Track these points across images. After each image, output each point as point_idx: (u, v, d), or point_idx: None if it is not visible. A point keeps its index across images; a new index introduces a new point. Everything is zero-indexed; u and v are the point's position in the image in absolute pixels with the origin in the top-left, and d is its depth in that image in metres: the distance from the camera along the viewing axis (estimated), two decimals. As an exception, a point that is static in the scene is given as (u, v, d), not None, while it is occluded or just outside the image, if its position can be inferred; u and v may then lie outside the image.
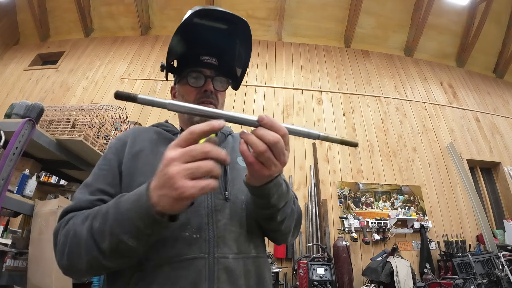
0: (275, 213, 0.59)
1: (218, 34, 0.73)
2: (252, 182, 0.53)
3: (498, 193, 4.33)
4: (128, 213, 0.44)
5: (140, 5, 5.19)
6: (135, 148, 0.67)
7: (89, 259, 0.48)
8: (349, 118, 4.45)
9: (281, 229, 0.64)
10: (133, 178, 0.61)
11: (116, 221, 0.45)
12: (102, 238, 0.46)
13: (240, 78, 0.83)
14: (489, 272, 2.96)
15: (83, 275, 0.53)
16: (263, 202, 0.56)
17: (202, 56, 0.73)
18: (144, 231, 0.43)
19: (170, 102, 0.45)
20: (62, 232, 0.53)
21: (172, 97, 0.83)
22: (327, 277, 2.67)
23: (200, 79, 0.72)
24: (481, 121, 4.83)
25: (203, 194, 0.40)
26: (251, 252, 0.61)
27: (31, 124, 1.30)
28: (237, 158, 0.73)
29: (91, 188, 0.60)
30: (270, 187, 0.53)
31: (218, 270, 0.54)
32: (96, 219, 0.49)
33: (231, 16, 0.69)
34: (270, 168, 0.46)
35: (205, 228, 0.57)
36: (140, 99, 0.42)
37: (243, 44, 0.76)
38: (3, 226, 1.98)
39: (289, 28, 5.34)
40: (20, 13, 5.65)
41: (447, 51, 5.51)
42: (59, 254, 0.52)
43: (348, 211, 3.61)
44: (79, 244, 0.49)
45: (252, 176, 0.51)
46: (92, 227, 0.48)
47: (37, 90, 4.91)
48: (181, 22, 0.66)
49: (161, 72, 5.13)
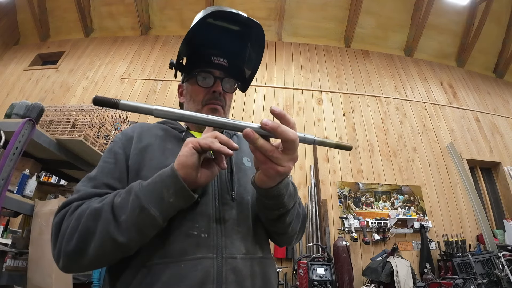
0: (284, 215, 0.59)
1: (230, 35, 0.73)
2: (265, 184, 0.51)
3: (498, 193, 4.33)
4: (154, 184, 0.49)
5: (140, 5, 5.19)
6: (142, 143, 0.66)
7: (103, 235, 0.47)
8: (349, 118, 4.45)
9: (287, 231, 0.64)
10: (140, 173, 0.60)
11: (141, 191, 0.49)
12: (122, 210, 0.48)
13: (249, 81, 0.82)
14: (489, 272, 2.96)
15: (87, 264, 0.50)
16: (274, 203, 0.56)
17: (213, 57, 0.73)
18: (167, 198, 0.47)
19: (156, 108, 0.42)
20: (71, 218, 0.51)
21: (179, 95, 0.83)
22: (327, 277, 2.67)
23: (209, 79, 0.72)
24: (481, 121, 4.83)
25: (205, 145, 0.47)
26: (257, 253, 0.61)
27: (31, 124, 1.30)
28: (243, 159, 0.73)
29: (95, 182, 0.58)
30: (281, 187, 0.52)
31: (226, 270, 0.53)
32: (117, 196, 0.51)
33: (245, 19, 0.68)
34: (284, 165, 0.47)
35: (213, 227, 0.57)
36: (123, 105, 0.40)
37: (255, 47, 0.76)
38: (3, 226, 1.98)
39: (289, 28, 5.34)
40: (20, 13, 5.65)
41: (447, 51, 5.51)
42: (66, 239, 0.49)
43: (348, 211, 3.61)
44: (96, 219, 0.48)
45: (266, 175, 0.49)
46: (113, 202, 0.50)
47: (37, 90, 4.91)
48: (196, 22, 0.66)
49: (161, 72, 5.12)
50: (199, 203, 0.58)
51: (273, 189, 0.52)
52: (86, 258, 0.49)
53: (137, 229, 0.48)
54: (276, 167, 0.47)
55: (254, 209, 0.65)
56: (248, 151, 0.77)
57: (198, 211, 0.57)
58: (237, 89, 0.80)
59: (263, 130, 0.44)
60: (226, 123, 0.45)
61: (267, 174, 0.49)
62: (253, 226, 0.63)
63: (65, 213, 0.53)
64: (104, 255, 0.49)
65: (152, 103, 4.45)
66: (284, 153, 0.46)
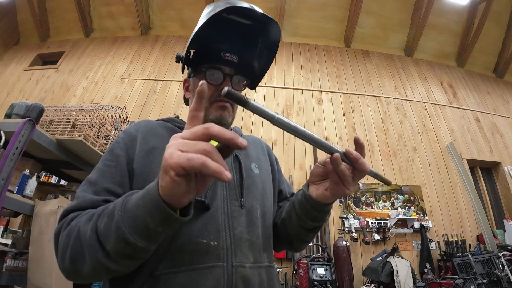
0: (319, 227, 0.63)
1: (242, 30, 0.70)
2: (327, 200, 0.55)
3: (498, 193, 4.33)
4: (136, 209, 0.40)
5: (140, 5, 5.19)
6: (148, 145, 0.62)
7: (93, 262, 0.43)
8: (349, 118, 4.45)
9: (308, 240, 0.68)
10: (148, 178, 0.57)
11: (123, 219, 0.41)
12: (107, 239, 0.42)
13: (259, 78, 0.80)
14: (489, 272, 2.96)
15: (87, 279, 0.48)
16: (320, 216, 0.59)
17: (223, 53, 0.69)
18: (154, 228, 0.39)
19: (278, 116, 0.42)
20: (64, 233, 0.49)
21: (185, 90, 0.79)
22: (327, 277, 2.66)
23: (218, 76, 0.68)
24: (481, 121, 4.83)
25: (192, 169, 0.32)
26: (264, 261, 0.61)
27: (31, 124, 1.30)
28: (251, 165, 0.71)
29: (95, 187, 0.55)
30: (332, 204, 0.58)
31: (236, 279, 0.52)
32: (102, 218, 0.45)
33: (260, 15, 0.65)
34: (350, 189, 0.52)
35: (223, 235, 0.55)
36: (252, 105, 0.39)
37: (269, 44, 0.73)
38: (3, 226, 1.98)
39: (289, 28, 5.34)
40: (20, 13, 5.64)
41: (447, 51, 5.50)
42: (61, 256, 0.48)
43: (348, 211, 3.61)
44: (83, 245, 0.44)
45: (333, 193, 0.54)
46: (97, 226, 0.44)
47: (37, 90, 4.90)
48: (210, 16, 0.62)
49: (161, 72, 5.10)
50: (209, 209, 0.57)
51: (328, 205, 0.57)
52: (83, 275, 0.46)
53: (127, 257, 0.43)
54: (344, 189, 0.52)
55: (262, 217, 0.64)
56: (256, 157, 0.76)
57: (207, 218, 0.56)
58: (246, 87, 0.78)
59: (346, 157, 0.49)
60: (323, 144, 0.47)
61: (334, 193, 0.53)
62: (261, 234, 0.62)
63: (62, 225, 0.51)
64: (101, 276, 0.47)
65: (152, 103, 4.46)
66: (353, 179, 0.51)
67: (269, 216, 0.69)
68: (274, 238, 0.70)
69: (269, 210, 0.70)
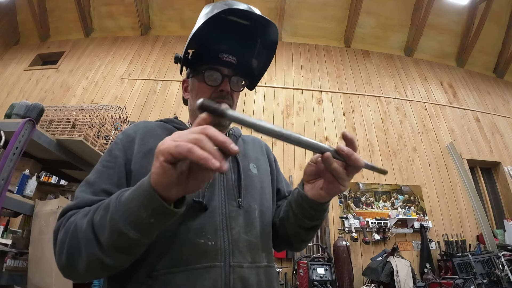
0: (319, 225, 0.63)
1: (240, 31, 0.71)
2: (323, 198, 0.55)
3: (498, 193, 4.33)
4: (130, 201, 0.41)
5: (140, 5, 5.19)
6: (146, 146, 0.63)
7: (89, 256, 0.44)
8: (349, 118, 4.45)
9: (308, 239, 0.68)
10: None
11: (118, 210, 0.41)
12: (102, 231, 0.43)
13: (257, 78, 0.80)
14: (489, 272, 2.96)
15: (83, 276, 0.48)
16: (318, 215, 0.59)
17: (222, 53, 0.69)
18: (147, 219, 0.39)
19: (260, 123, 0.40)
20: (62, 230, 0.50)
21: (184, 91, 0.80)
22: (327, 277, 2.66)
23: (217, 77, 0.69)
24: (481, 121, 4.83)
25: (179, 155, 0.34)
26: (263, 261, 0.61)
27: (31, 124, 1.30)
28: (250, 165, 0.71)
29: (94, 188, 0.56)
30: (329, 202, 0.58)
31: (233, 279, 0.52)
32: (98, 211, 0.45)
33: (258, 17, 0.66)
34: (345, 185, 0.51)
35: (220, 235, 0.55)
36: (229, 115, 0.38)
37: (267, 45, 0.74)
38: (3, 226, 1.98)
39: (289, 28, 5.34)
40: (20, 13, 5.64)
41: (447, 51, 5.50)
42: (58, 253, 0.48)
43: (348, 211, 3.61)
44: (79, 239, 0.45)
45: (328, 192, 0.53)
46: (93, 219, 0.45)
47: (37, 90, 4.90)
48: (209, 17, 0.63)
49: (161, 72, 5.11)
50: (207, 209, 0.57)
51: (325, 203, 0.57)
52: (80, 273, 0.47)
53: (121, 250, 0.43)
54: (339, 187, 0.51)
55: (261, 217, 0.64)
56: (254, 157, 0.76)
57: (205, 218, 0.56)
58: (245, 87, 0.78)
59: (337, 154, 0.48)
60: (312, 145, 0.46)
61: (329, 191, 0.53)
62: (259, 234, 0.62)
63: (61, 223, 0.52)
64: (97, 273, 0.47)
65: (152, 103, 4.46)
66: (347, 175, 0.50)
67: (268, 216, 0.69)
68: (274, 238, 0.70)
69: (268, 210, 0.70)
